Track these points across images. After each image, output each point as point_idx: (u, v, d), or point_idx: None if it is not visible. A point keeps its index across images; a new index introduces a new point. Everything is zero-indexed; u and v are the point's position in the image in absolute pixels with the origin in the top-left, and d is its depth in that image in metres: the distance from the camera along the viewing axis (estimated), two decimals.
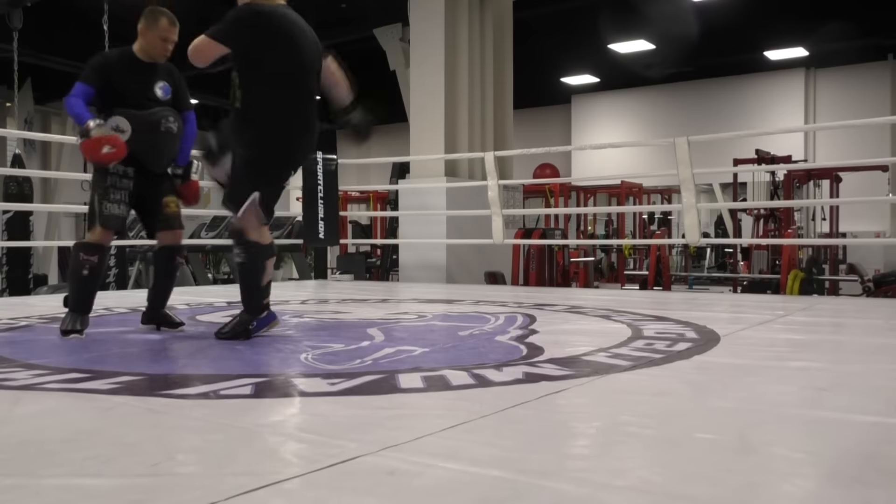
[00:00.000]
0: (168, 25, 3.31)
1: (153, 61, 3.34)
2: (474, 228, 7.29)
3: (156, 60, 3.35)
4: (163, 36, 3.30)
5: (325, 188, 7.12)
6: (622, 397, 1.96)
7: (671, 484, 1.25)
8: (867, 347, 2.97)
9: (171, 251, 3.47)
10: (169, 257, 3.48)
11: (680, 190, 5.86)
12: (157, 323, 3.44)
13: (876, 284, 8.50)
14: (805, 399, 1.95)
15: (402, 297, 5.56)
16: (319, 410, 1.83)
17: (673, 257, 12.63)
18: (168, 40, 3.32)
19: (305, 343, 2.93)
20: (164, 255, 3.48)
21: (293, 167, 3.25)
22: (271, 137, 3.08)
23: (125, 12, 3.57)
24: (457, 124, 7.78)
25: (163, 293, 3.47)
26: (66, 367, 2.37)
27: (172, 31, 3.33)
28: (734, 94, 14.94)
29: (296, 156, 3.22)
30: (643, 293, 7.35)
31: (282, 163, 3.16)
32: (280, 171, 3.18)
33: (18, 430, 1.65)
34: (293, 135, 3.14)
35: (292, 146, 3.16)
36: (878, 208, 13.09)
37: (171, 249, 3.47)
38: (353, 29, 10.96)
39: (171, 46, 3.35)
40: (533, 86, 13.04)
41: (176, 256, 3.50)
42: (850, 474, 1.31)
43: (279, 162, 3.14)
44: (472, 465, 1.33)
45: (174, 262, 3.50)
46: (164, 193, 3.42)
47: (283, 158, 3.15)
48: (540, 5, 10.49)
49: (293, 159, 3.21)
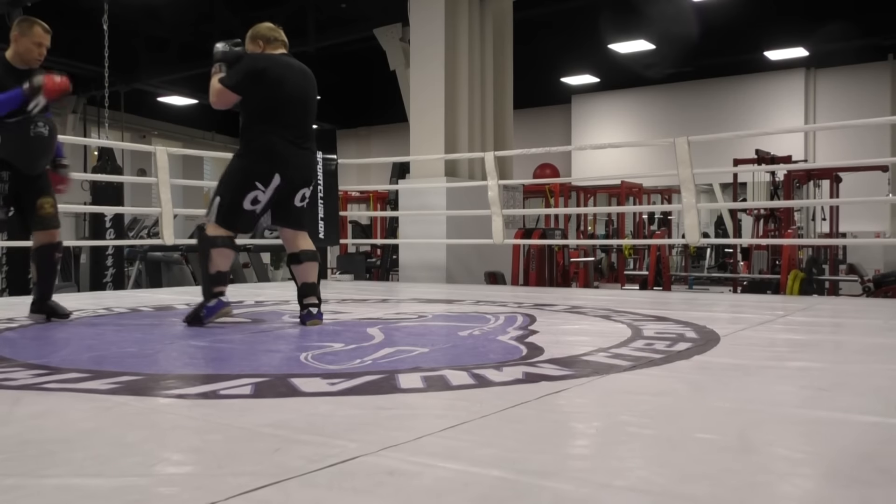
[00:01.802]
0: (42, 32, 3.58)
1: (28, 67, 3.57)
2: (474, 228, 7.29)
3: (30, 66, 3.58)
4: (37, 41, 3.55)
5: (325, 188, 7.12)
6: (622, 397, 1.96)
7: (671, 484, 1.25)
8: (867, 347, 2.97)
9: (50, 248, 3.74)
10: (48, 254, 3.75)
11: (680, 190, 5.86)
12: (46, 313, 3.73)
13: (876, 285, 8.49)
14: (805, 399, 1.95)
15: (402, 297, 5.56)
16: (319, 410, 1.82)
17: (673, 257, 12.62)
18: (42, 45, 3.58)
19: (305, 343, 2.93)
20: (44, 253, 3.74)
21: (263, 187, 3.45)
22: (252, 161, 3.48)
23: (125, 12, 3.60)
24: (457, 124, 7.78)
25: (48, 286, 3.77)
26: (66, 367, 2.37)
27: (45, 37, 3.60)
28: (734, 94, 14.94)
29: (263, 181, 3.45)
30: (643, 293, 7.35)
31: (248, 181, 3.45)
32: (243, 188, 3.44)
33: (18, 430, 1.65)
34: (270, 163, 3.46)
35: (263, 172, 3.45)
36: (878, 208, 13.09)
37: (49, 247, 3.73)
38: (353, 29, 10.97)
39: (44, 52, 3.61)
40: (533, 86, 13.05)
41: (54, 253, 3.77)
42: (850, 474, 1.31)
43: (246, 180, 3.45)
44: (471, 465, 1.33)
45: (54, 259, 3.78)
46: (39, 195, 3.66)
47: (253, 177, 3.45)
48: (540, 5, 10.50)
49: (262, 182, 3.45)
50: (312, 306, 3.55)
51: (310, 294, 3.57)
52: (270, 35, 3.65)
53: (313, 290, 3.59)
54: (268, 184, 3.45)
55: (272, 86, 3.47)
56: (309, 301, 3.56)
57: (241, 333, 3.31)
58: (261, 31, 3.65)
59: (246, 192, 3.44)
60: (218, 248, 3.46)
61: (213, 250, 3.45)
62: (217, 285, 3.47)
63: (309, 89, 3.64)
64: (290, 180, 3.51)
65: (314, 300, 3.57)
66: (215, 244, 3.46)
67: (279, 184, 3.47)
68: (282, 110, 3.50)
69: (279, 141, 3.47)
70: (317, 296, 3.59)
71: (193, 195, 15.45)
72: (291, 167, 3.50)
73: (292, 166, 3.51)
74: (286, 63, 3.58)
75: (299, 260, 3.63)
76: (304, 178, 3.60)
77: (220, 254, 3.47)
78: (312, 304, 3.55)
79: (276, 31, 3.67)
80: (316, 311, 3.55)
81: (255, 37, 3.64)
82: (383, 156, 9.66)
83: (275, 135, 3.47)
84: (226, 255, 3.50)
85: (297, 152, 3.53)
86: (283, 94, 3.50)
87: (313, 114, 3.69)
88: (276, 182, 3.46)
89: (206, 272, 3.49)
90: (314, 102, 3.68)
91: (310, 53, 12.34)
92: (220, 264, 3.47)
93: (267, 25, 3.68)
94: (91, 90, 13.75)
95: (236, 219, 3.49)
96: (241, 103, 3.53)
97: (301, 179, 3.58)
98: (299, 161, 3.55)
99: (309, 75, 3.68)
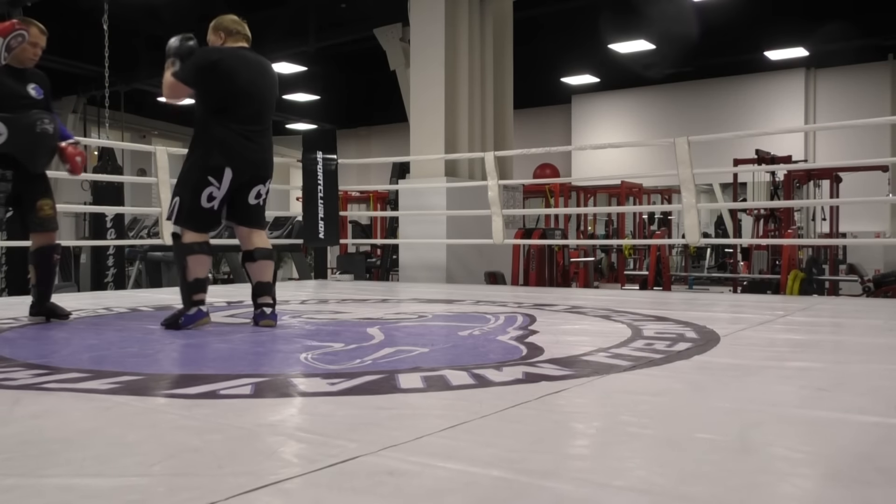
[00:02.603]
0: (38, 33, 3.63)
1: (23, 67, 3.61)
2: (474, 228, 7.29)
3: (25, 66, 3.62)
4: (32, 42, 3.58)
5: (325, 188, 7.12)
6: (622, 397, 1.96)
7: (671, 484, 1.25)
8: (867, 347, 2.97)
9: (49, 250, 3.76)
10: (47, 256, 3.77)
11: (680, 190, 5.86)
12: (46, 315, 3.74)
13: (876, 285, 8.49)
14: (805, 399, 1.94)
15: (402, 297, 5.56)
16: (319, 410, 1.83)
17: (673, 257, 12.63)
18: (38, 46, 3.63)
19: (305, 343, 2.93)
20: (42, 254, 3.75)
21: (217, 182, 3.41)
22: (203, 155, 3.43)
23: (125, 12, 3.60)
24: (457, 124, 7.78)
25: (47, 287, 3.78)
26: (66, 367, 2.37)
27: (41, 38, 3.65)
28: (734, 94, 14.94)
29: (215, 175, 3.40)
30: (643, 293, 7.35)
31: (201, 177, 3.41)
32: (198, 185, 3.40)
33: (18, 430, 1.65)
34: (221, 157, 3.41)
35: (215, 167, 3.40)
36: (878, 208, 13.09)
37: (48, 249, 3.75)
38: (353, 29, 10.97)
39: (40, 52, 3.66)
40: (533, 86, 13.05)
41: (52, 255, 3.79)
42: (850, 474, 1.31)
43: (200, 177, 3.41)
44: (471, 465, 1.33)
45: (52, 260, 3.80)
46: (39, 196, 3.68)
47: (206, 172, 3.41)
48: (540, 5, 10.49)
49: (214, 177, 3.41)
50: (266, 306, 3.48)
51: (264, 293, 3.50)
52: (233, 27, 3.58)
53: (267, 290, 3.52)
54: (220, 178, 3.39)
55: (224, 79, 3.42)
56: (263, 300, 3.49)
57: (241, 333, 3.31)
58: (224, 23, 3.59)
59: (202, 189, 3.38)
60: (195, 254, 3.40)
61: (190, 258, 3.39)
62: (196, 293, 3.40)
63: (265, 83, 3.57)
64: (242, 173, 3.44)
65: (268, 300, 3.50)
66: (192, 251, 3.40)
67: (232, 178, 3.41)
68: (234, 104, 3.44)
69: (230, 134, 3.41)
70: (271, 295, 3.52)
71: None
72: (242, 160, 3.43)
73: (243, 160, 3.44)
74: (241, 56, 3.52)
75: (253, 258, 3.55)
76: (257, 173, 3.53)
77: (196, 261, 3.41)
78: (266, 303, 3.49)
79: (239, 24, 3.61)
80: (270, 312, 3.47)
81: (217, 28, 3.58)
82: (383, 156, 9.67)
83: (226, 128, 3.41)
84: (202, 261, 3.43)
85: (248, 146, 3.46)
86: (235, 87, 3.43)
87: (270, 108, 3.61)
88: (228, 176, 3.40)
89: (183, 280, 3.42)
90: (271, 96, 3.61)
91: (310, 53, 12.36)
92: (198, 271, 3.41)
93: (231, 18, 3.62)
94: (91, 90, 13.75)
95: (198, 218, 3.42)
96: (196, 97, 3.48)
97: (254, 174, 3.51)
98: (252, 156, 3.48)
99: (267, 69, 3.62)
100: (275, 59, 13.21)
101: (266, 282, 3.54)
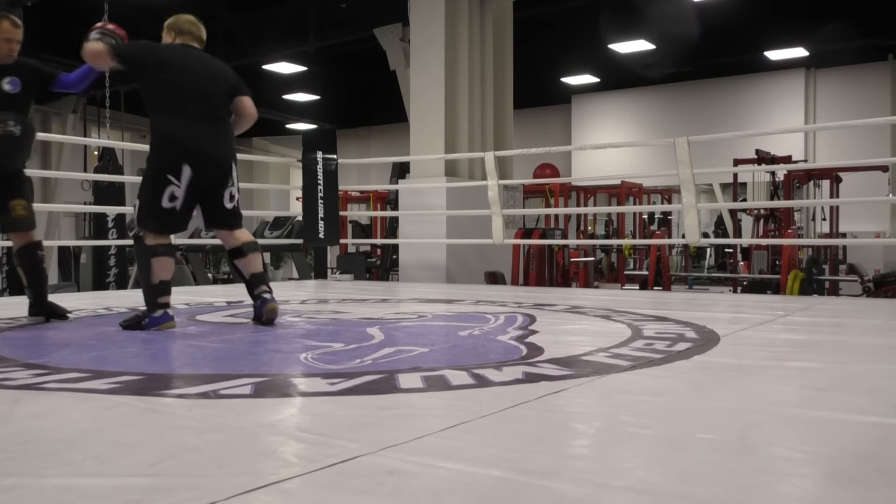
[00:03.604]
0: (11, 27, 3.59)
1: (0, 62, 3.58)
2: (474, 228, 7.29)
3: (3, 62, 3.59)
4: (6, 37, 3.56)
5: (325, 188, 7.12)
6: (622, 397, 1.96)
7: (671, 484, 1.25)
8: (867, 347, 2.97)
9: (31, 248, 3.73)
10: (31, 254, 3.74)
11: (680, 190, 5.86)
12: (45, 314, 3.72)
13: (876, 285, 8.50)
14: (805, 399, 1.94)
15: (402, 296, 5.56)
16: (319, 410, 1.83)
17: (673, 257, 12.63)
18: (12, 41, 3.60)
19: (305, 343, 2.93)
20: (26, 253, 3.73)
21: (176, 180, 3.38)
22: (159, 154, 3.42)
23: (125, 12, 3.61)
24: (457, 124, 7.78)
25: (41, 287, 3.75)
26: (66, 367, 2.37)
27: (16, 32, 3.62)
28: (734, 94, 14.94)
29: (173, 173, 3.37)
30: (643, 293, 7.35)
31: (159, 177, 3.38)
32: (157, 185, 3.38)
33: (18, 430, 1.65)
34: (174, 154, 3.39)
35: (171, 165, 3.37)
36: (878, 208, 13.09)
37: (29, 247, 3.73)
38: (353, 29, 10.97)
39: (16, 46, 3.62)
40: (533, 86, 13.05)
41: (35, 252, 3.75)
42: (850, 474, 1.31)
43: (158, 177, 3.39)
44: (471, 465, 1.33)
45: (37, 258, 3.76)
46: (12, 196, 3.63)
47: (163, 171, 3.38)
48: (540, 5, 10.49)
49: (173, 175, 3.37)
50: (265, 293, 3.51)
51: (260, 283, 3.54)
52: (185, 27, 3.56)
53: (262, 279, 3.56)
54: (179, 176, 3.35)
55: (161, 69, 3.39)
56: (261, 290, 3.52)
57: (241, 333, 3.31)
58: (177, 23, 3.57)
59: (162, 190, 3.35)
60: (158, 256, 3.38)
61: (153, 260, 3.37)
62: (161, 295, 3.36)
63: (211, 78, 3.51)
64: (202, 170, 3.40)
65: (265, 287, 3.53)
66: (155, 253, 3.38)
67: (192, 176, 3.37)
68: (181, 100, 3.40)
69: (181, 131, 3.38)
70: (266, 283, 3.55)
71: None
72: (198, 156, 3.40)
73: (200, 155, 3.40)
74: (183, 51, 3.50)
75: (243, 253, 3.57)
76: (220, 170, 3.48)
77: (159, 263, 3.38)
78: (265, 291, 3.52)
79: (194, 25, 3.58)
80: (270, 297, 3.50)
81: (170, 27, 3.57)
82: (383, 156, 9.67)
83: (177, 125, 3.39)
84: (165, 263, 3.41)
85: (203, 142, 3.42)
86: (176, 80, 3.40)
87: (219, 101, 3.54)
88: (187, 174, 3.36)
89: (147, 283, 3.38)
90: (219, 93, 3.54)
91: (310, 53, 12.35)
92: (161, 273, 3.38)
93: (186, 18, 3.59)
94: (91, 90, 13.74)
95: (160, 219, 3.39)
96: (143, 97, 3.46)
97: (218, 174, 3.47)
98: (210, 150, 3.44)
99: (215, 66, 3.57)
100: (275, 58, 13.22)
101: (259, 272, 3.57)
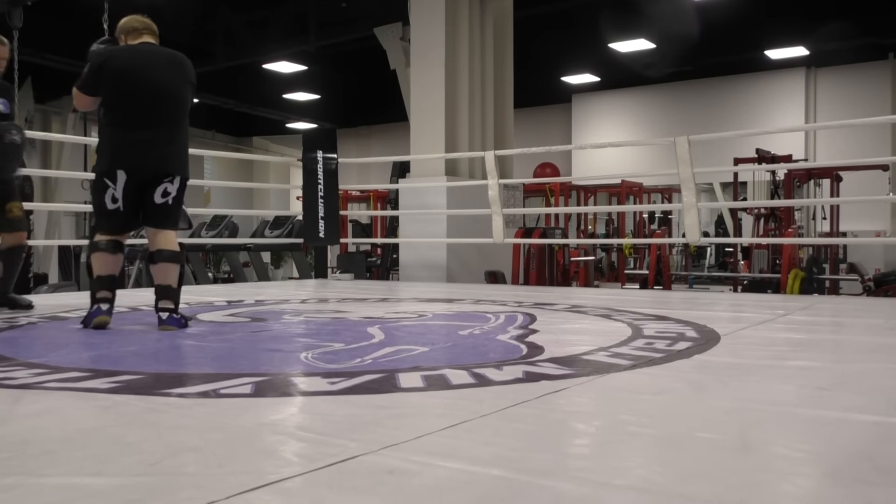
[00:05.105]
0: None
1: None
2: (474, 228, 7.29)
3: None
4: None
5: (325, 187, 7.12)
6: (622, 396, 1.96)
7: (671, 483, 1.25)
8: (867, 347, 2.97)
9: (20, 249, 4.04)
10: (17, 255, 4.04)
11: (680, 189, 5.86)
12: (8, 305, 4.02)
13: (876, 284, 8.50)
14: (805, 398, 1.94)
15: (403, 296, 5.56)
16: (319, 409, 1.83)
17: (673, 256, 12.62)
18: (2, 59, 3.78)
19: (305, 342, 2.93)
20: (13, 253, 4.02)
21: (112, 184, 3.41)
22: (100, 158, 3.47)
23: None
24: (457, 123, 7.77)
25: (8, 281, 4.04)
26: (66, 366, 2.37)
27: (2, 49, 3.80)
28: (734, 94, 14.93)
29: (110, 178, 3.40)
30: (643, 292, 7.35)
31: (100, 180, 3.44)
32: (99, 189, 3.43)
33: (18, 429, 1.65)
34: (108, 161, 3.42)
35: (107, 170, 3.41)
36: (878, 208, 13.09)
37: (19, 248, 4.03)
38: (353, 28, 10.97)
39: (3, 63, 3.81)
40: (533, 85, 13.03)
41: (21, 254, 4.07)
42: (850, 474, 1.31)
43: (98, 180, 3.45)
44: (472, 465, 1.33)
45: (20, 259, 4.08)
46: (7, 199, 3.92)
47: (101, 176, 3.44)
48: (540, 5, 10.49)
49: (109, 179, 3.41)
50: (164, 311, 3.32)
51: (164, 297, 3.35)
52: (131, 26, 3.56)
53: (168, 293, 3.36)
54: (114, 180, 3.37)
55: (112, 78, 3.39)
56: (163, 304, 3.34)
57: (241, 333, 3.31)
58: (121, 24, 3.59)
59: (104, 192, 3.40)
60: (98, 251, 3.40)
61: (94, 255, 3.41)
62: (99, 290, 3.35)
63: (165, 76, 3.49)
64: (137, 172, 3.38)
65: (169, 304, 3.34)
66: (97, 248, 3.41)
67: (126, 179, 3.37)
68: (124, 102, 3.40)
69: (118, 135, 3.39)
70: (172, 300, 3.36)
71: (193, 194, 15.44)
72: (133, 159, 3.37)
73: (134, 159, 3.38)
74: (134, 51, 3.48)
75: (153, 260, 3.43)
76: (158, 170, 3.43)
77: (97, 258, 3.40)
78: (166, 307, 3.33)
79: (137, 20, 3.56)
80: (167, 317, 3.30)
81: (119, 31, 3.59)
82: (383, 155, 9.67)
83: (114, 128, 3.41)
84: (104, 259, 3.40)
85: (139, 145, 3.38)
86: (125, 85, 3.39)
87: (174, 101, 3.51)
88: (122, 178, 3.37)
89: (90, 275, 3.46)
90: (174, 88, 3.50)
91: (310, 52, 12.35)
92: (99, 269, 3.40)
93: (132, 17, 3.58)
94: None
95: (107, 218, 3.45)
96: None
97: (152, 172, 3.42)
98: (147, 153, 3.39)
99: (172, 61, 3.54)
100: (275, 58, 13.22)
101: (167, 285, 3.39)
